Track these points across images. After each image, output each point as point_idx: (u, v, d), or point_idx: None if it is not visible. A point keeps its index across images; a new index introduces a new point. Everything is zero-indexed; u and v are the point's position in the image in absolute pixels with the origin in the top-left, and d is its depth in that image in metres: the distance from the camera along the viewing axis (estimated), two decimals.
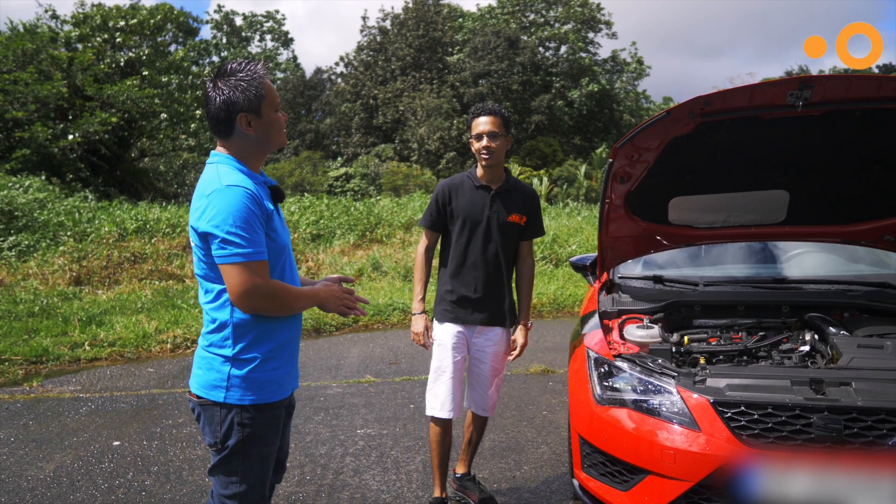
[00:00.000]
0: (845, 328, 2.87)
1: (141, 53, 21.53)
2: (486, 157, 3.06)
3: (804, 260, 3.82)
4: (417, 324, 3.22)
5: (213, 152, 2.06)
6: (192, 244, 2.01)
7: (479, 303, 3.13)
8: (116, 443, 4.30)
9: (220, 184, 1.91)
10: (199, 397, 2.03)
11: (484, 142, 3.05)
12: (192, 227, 1.96)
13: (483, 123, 3.07)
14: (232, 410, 1.97)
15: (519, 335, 3.23)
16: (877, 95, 2.58)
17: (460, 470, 3.41)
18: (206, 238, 1.91)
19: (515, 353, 3.22)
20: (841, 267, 3.78)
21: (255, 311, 1.95)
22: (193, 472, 3.83)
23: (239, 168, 1.99)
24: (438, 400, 3.14)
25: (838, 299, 3.18)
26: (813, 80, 2.51)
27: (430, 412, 3.17)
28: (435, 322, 3.24)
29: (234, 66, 1.99)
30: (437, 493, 3.22)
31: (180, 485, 3.65)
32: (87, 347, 6.67)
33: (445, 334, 3.16)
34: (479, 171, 3.17)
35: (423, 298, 3.25)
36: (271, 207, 2.01)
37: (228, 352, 1.98)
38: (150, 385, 5.65)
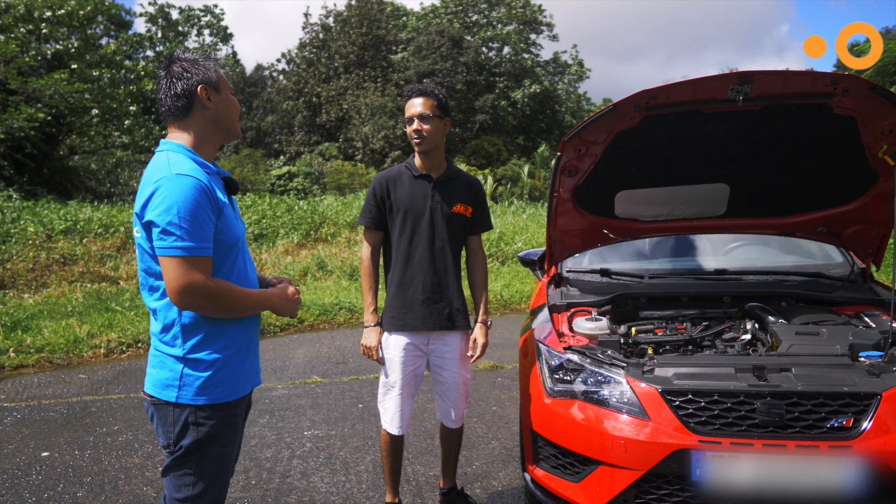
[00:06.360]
0: (783, 316, 2.96)
1: (69, 46, 20.52)
2: (418, 140, 2.86)
3: (742, 252, 3.94)
4: (369, 337, 2.96)
5: (163, 140, 1.97)
6: (136, 235, 1.91)
7: (428, 305, 2.91)
8: (45, 453, 4.06)
9: (169, 171, 1.81)
10: (151, 396, 1.94)
11: (415, 125, 2.85)
12: (136, 215, 1.88)
13: (415, 105, 2.87)
14: (185, 410, 1.89)
15: (479, 334, 3.02)
16: (811, 91, 2.67)
17: (444, 484, 3.24)
18: (149, 228, 1.82)
19: (476, 353, 3.01)
20: (776, 258, 3.92)
21: (191, 309, 1.86)
22: (130, 481, 3.65)
23: (191, 157, 1.90)
24: (388, 415, 2.98)
25: (776, 289, 3.28)
26: (752, 75, 2.58)
27: (382, 424, 3.04)
28: (384, 333, 3.00)
29: (186, 53, 1.99)
30: (389, 499, 3.13)
31: (116, 495, 3.47)
32: (13, 354, 6.31)
33: (394, 347, 2.94)
34: (417, 160, 2.96)
35: (375, 309, 2.99)
36: (223, 200, 1.92)
37: (179, 351, 1.90)
38: (82, 392, 5.38)
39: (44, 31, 20.06)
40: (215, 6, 39.89)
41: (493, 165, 28.40)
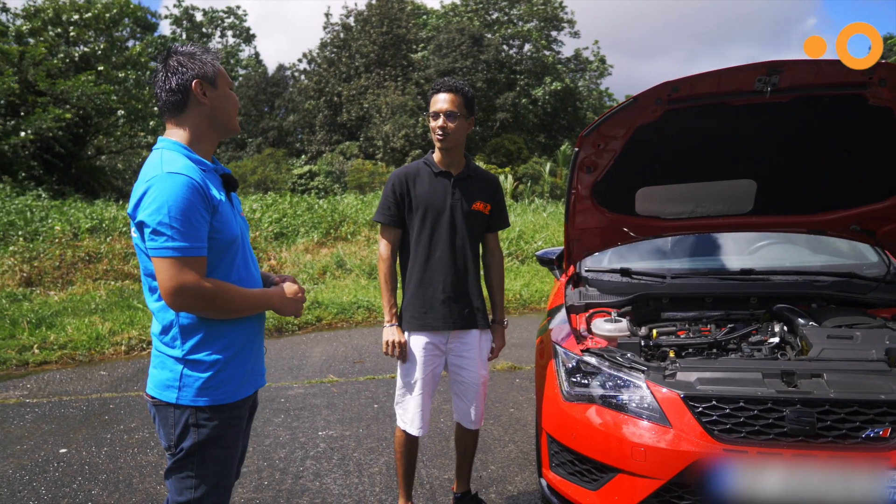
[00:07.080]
0: (814, 319, 2.83)
1: (96, 48, 20.88)
2: (441, 137, 2.79)
3: (770, 251, 3.80)
4: (396, 334, 2.88)
5: (160, 138, 1.93)
6: (133, 236, 1.87)
7: (449, 304, 2.85)
8: (63, 450, 4.08)
9: (160, 170, 1.77)
10: (152, 397, 1.91)
11: (440, 121, 2.78)
12: (129, 215, 1.84)
13: (441, 101, 2.80)
14: (186, 411, 1.86)
15: (495, 335, 3.02)
16: (844, 81, 2.54)
17: (458, 488, 3.16)
18: (141, 228, 1.78)
19: (491, 355, 3.02)
20: (806, 258, 3.76)
21: (185, 310, 1.82)
22: (144, 479, 3.63)
23: (186, 154, 1.85)
24: (408, 415, 2.90)
25: (806, 290, 3.14)
26: (781, 65, 2.46)
27: (399, 424, 2.97)
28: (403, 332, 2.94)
29: (185, 46, 1.94)
30: (401, 503, 3.06)
31: (130, 493, 3.46)
32: (37, 350, 6.38)
33: (414, 346, 2.88)
34: (437, 156, 2.90)
35: (395, 309, 2.93)
36: (219, 197, 1.87)
37: (178, 352, 1.86)
38: (101, 389, 5.40)
39: (72, 33, 20.44)
40: (238, 7, 40.33)
41: (513, 164, 28.24)
